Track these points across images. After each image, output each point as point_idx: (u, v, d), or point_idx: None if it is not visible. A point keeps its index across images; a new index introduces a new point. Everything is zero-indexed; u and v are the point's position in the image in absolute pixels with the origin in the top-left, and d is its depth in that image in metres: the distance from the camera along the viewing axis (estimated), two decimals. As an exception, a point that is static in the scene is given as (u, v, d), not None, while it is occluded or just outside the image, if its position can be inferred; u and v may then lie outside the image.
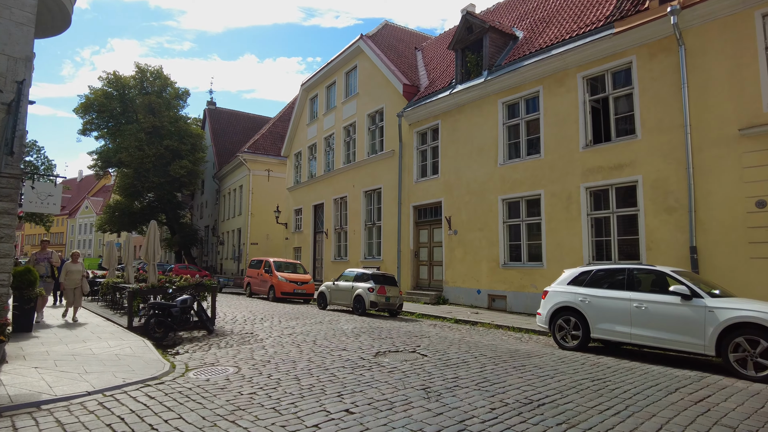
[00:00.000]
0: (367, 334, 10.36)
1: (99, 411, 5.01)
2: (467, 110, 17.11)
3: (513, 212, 15.47)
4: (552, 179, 14.20)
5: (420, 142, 19.43)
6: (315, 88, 27.75)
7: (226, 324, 12.04)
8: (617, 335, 8.38)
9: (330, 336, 10.09)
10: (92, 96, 41.84)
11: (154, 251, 12.63)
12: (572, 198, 13.65)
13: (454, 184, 17.31)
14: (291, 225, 29.62)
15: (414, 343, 9.36)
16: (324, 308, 16.19)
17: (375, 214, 21.82)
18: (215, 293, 11.78)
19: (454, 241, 17.14)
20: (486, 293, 15.78)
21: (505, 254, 15.40)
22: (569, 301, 9.14)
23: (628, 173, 12.46)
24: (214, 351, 8.53)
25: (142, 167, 40.04)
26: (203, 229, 50.33)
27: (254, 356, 8.00)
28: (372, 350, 8.46)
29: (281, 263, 20.56)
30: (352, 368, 7.03)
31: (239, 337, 10.01)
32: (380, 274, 14.98)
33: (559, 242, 13.83)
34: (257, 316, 13.62)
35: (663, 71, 11.95)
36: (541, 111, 14.77)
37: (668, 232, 11.56)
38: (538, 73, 14.83)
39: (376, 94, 21.91)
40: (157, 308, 9.99)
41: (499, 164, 15.77)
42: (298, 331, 10.84)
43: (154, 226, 12.75)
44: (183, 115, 44.08)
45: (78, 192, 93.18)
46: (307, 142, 28.28)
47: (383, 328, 11.62)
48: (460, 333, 11.22)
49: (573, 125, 13.85)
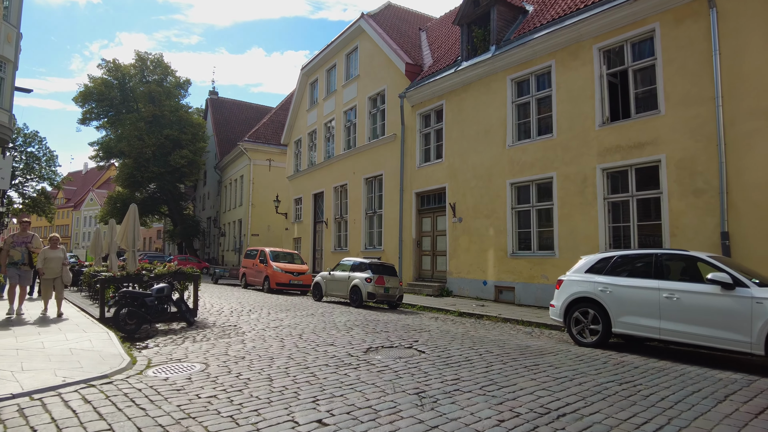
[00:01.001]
0: (360, 328, 9.37)
1: (12, 420, 4.04)
2: (473, 89, 15.99)
3: (522, 197, 14.37)
4: (565, 161, 13.09)
5: (423, 124, 18.33)
6: (315, 72, 26.67)
7: (210, 316, 11.10)
8: (644, 330, 7.31)
9: (319, 329, 9.11)
10: (91, 85, 41.08)
11: (134, 238, 11.67)
12: (588, 181, 12.54)
13: (459, 169, 16.23)
14: (291, 215, 28.67)
15: (411, 337, 8.35)
16: (319, 300, 15.23)
17: (376, 202, 20.79)
18: (197, 282, 10.83)
19: (458, 229, 16.08)
20: (493, 284, 14.73)
21: (514, 243, 14.33)
22: (587, 291, 8.08)
23: (649, 152, 11.33)
24: (187, 345, 7.58)
25: (141, 157, 39.28)
26: (205, 221, 49.58)
27: (229, 351, 7.03)
28: (363, 346, 7.46)
29: (278, 253, 19.62)
30: (337, 367, 6.04)
31: (220, 330, 9.06)
32: (379, 264, 13.98)
33: (573, 229, 12.75)
34: (246, 307, 12.67)
35: (691, 38, 10.79)
36: (553, 87, 13.64)
37: (696, 217, 10.44)
38: (550, 46, 13.68)
39: (378, 76, 20.81)
40: (129, 298, 9.05)
41: (508, 146, 14.66)
42: (286, 323, 9.87)
43: (134, 211, 11.78)
44: (184, 104, 43.23)
45: (83, 184, 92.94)
46: (307, 129, 27.25)
47: (379, 321, 10.62)
48: (464, 327, 10.20)
49: (588, 101, 12.72)
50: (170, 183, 41.73)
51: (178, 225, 44.58)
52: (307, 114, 27.45)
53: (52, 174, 45.24)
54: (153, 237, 70.65)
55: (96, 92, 40.64)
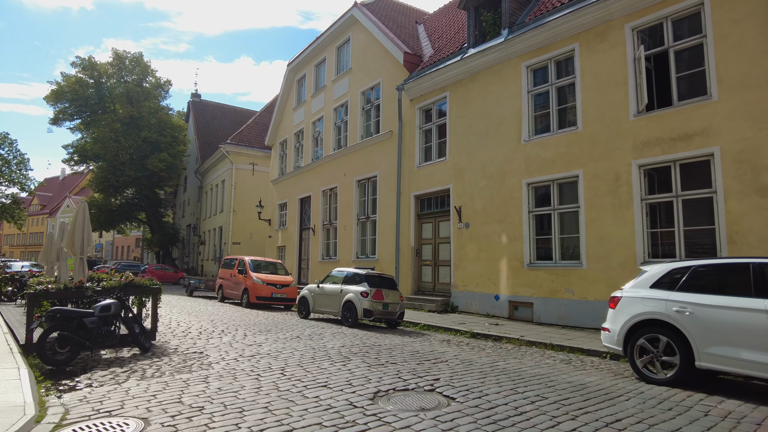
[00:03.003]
0: (359, 357, 7.40)
1: None
2: (482, 78, 14.23)
3: (541, 199, 12.58)
4: (593, 157, 11.34)
5: (423, 120, 16.50)
6: (303, 67, 24.78)
7: (173, 338, 9.04)
8: (745, 366, 5.46)
9: (307, 360, 7.12)
10: (64, 83, 38.66)
11: (82, 241, 9.59)
12: (621, 179, 10.79)
13: (466, 168, 14.40)
14: (275, 221, 26.59)
15: (428, 372, 6.41)
16: (306, 317, 13.17)
17: (369, 206, 18.87)
18: (156, 297, 8.76)
19: (465, 236, 14.21)
20: (506, 299, 12.86)
21: (531, 251, 12.49)
22: (657, 311, 6.23)
23: (698, 145, 9.63)
24: (131, 385, 5.57)
25: (117, 160, 36.92)
26: (185, 229, 47.14)
27: (183, 397, 5.04)
28: (368, 388, 5.51)
29: (259, 263, 17.54)
30: (335, 428, 4.09)
31: (180, 360, 7.04)
32: (376, 275, 12.02)
33: (604, 235, 10.96)
34: (218, 327, 10.61)
35: (750, 10, 9.15)
36: (576, 74, 11.93)
37: (761, 220, 8.71)
38: (573, 27, 12.00)
39: (372, 68, 18.99)
40: (61, 318, 6.99)
41: (524, 141, 12.89)
42: (265, 350, 7.85)
43: (83, 209, 9.71)
44: (164, 106, 41.00)
45: (60, 190, 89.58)
46: (294, 129, 25.29)
47: (381, 346, 8.66)
48: (486, 354, 8.28)
49: (620, 89, 11.02)
50: (148, 188, 39.35)
51: (156, 233, 42.12)
52: (293, 113, 25.51)
53: (23, 178, 42.60)
54: (131, 245, 67.73)
55: (69, 91, 38.22)
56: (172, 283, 31.09)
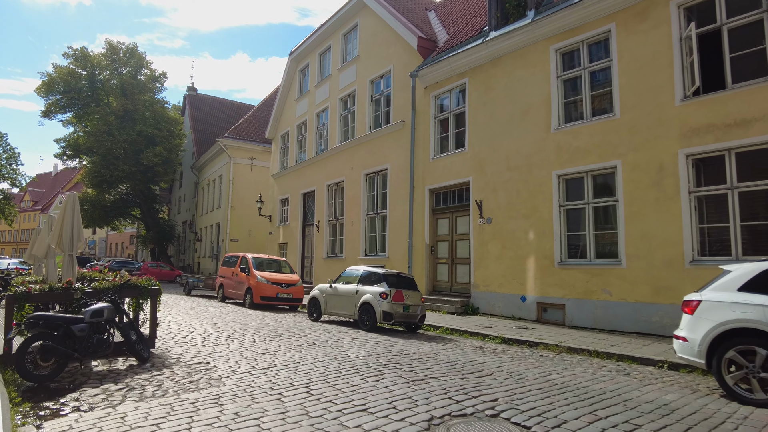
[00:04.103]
0: (392, 370, 6.41)
1: None
2: (506, 63, 13.24)
3: (574, 192, 11.61)
4: (633, 146, 10.39)
5: (439, 109, 15.49)
6: (306, 56, 23.70)
7: (174, 345, 8.02)
8: None
9: (333, 373, 6.12)
10: (56, 75, 37.34)
11: (72, 236, 8.57)
12: (666, 170, 9.84)
13: (488, 159, 13.42)
14: (276, 217, 25.53)
15: (479, 389, 5.44)
16: (317, 319, 12.16)
17: (379, 201, 17.86)
18: (155, 299, 7.75)
19: (487, 232, 13.24)
20: (534, 301, 11.90)
21: (563, 249, 11.53)
22: (751, 319, 5.28)
23: (758, 131, 8.69)
24: (126, 409, 4.58)
25: (111, 154, 35.72)
26: (181, 225, 45.96)
27: (194, 428, 4.04)
28: (417, 413, 4.52)
29: (262, 260, 16.51)
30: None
31: (185, 373, 6.04)
32: (395, 274, 11.02)
33: (646, 231, 10.02)
34: (223, 331, 9.59)
35: (821, -20, 8.22)
36: (613, 56, 10.96)
37: (835, 214, 7.80)
38: (609, 7, 11.03)
39: (382, 55, 17.96)
40: (45, 325, 5.97)
41: (553, 129, 11.92)
42: (281, 361, 6.85)
43: (72, 201, 8.68)
44: (160, 99, 39.75)
45: (53, 186, 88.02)
46: (296, 120, 24.21)
47: (411, 355, 7.68)
48: (531, 364, 7.31)
49: (664, 71, 10.06)
50: (143, 183, 38.14)
51: (151, 229, 40.94)
52: (296, 104, 24.42)
53: (13, 173, 41.28)
54: (125, 242, 66.44)
55: (61, 83, 36.90)
56: (168, 281, 30.01)
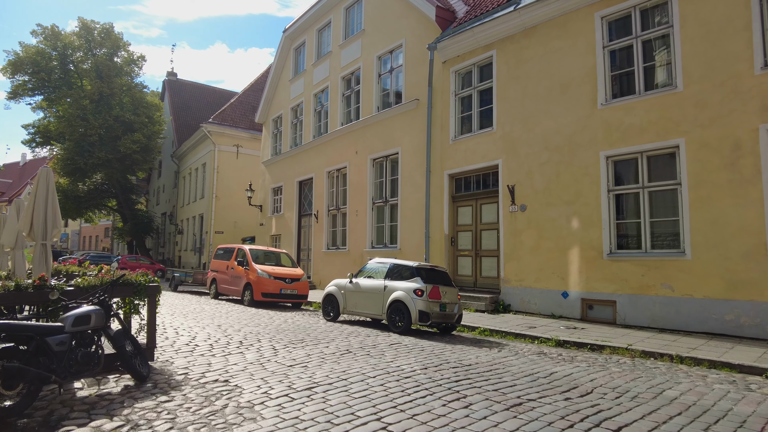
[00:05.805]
0: (468, 388, 4.99)
1: None
2: (541, 32, 11.87)
3: (625, 175, 10.34)
4: (700, 122, 9.15)
5: (460, 85, 14.05)
6: (302, 33, 21.97)
7: (176, 355, 6.44)
8: None
9: (399, 396, 4.67)
10: (23, 54, 34.64)
11: (45, 221, 6.93)
12: (743, 148, 8.63)
13: (520, 139, 12.07)
14: (267, 207, 23.83)
15: (594, 412, 4.06)
16: (334, 319, 10.64)
17: (388, 188, 16.38)
18: (154, 299, 6.16)
19: (520, 221, 11.91)
20: (578, 297, 10.63)
21: (612, 239, 10.27)
22: None
23: None
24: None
25: (84, 140, 33.28)
26: (160, 217, 43.70)
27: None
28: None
29: (259, 252, 14.90)
30: None
31: (202, 399, 4.53)
32: (427, 267, 9.58)
33: (717, 218, 8.81)
34: (232, 336, 8.02)
35: None
36: (674, 21, 9.69)
37: None
38: (668, -35, 9.77)
39: (392, 28, 16.43)
40: (8, 338, 4.37)
41: (600, 105, 10.62)
42: (321, 377, 5.36)
43: (46, 176, 7.02)
44: (138, 83, 37.35)
45: (21, 177, 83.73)
46: (291, 102, 22.50)
47: (478, 366, 6.26)
48: (622, 375, 5.97)
49: (738, 36, 8.83)
50: (120, 172, 35.82)
51: (128, 221, 38.68)
52: (290, 85, 22.69)
53: (-26, 162, 38.43)
54: (100, 235, 63.52)
55: (30, 62, 34.25)
56: (149, 275, 27.98)
